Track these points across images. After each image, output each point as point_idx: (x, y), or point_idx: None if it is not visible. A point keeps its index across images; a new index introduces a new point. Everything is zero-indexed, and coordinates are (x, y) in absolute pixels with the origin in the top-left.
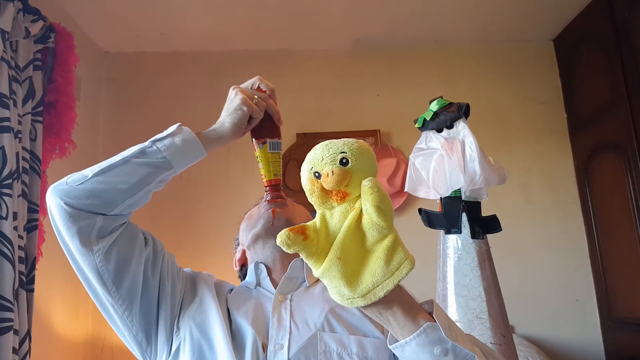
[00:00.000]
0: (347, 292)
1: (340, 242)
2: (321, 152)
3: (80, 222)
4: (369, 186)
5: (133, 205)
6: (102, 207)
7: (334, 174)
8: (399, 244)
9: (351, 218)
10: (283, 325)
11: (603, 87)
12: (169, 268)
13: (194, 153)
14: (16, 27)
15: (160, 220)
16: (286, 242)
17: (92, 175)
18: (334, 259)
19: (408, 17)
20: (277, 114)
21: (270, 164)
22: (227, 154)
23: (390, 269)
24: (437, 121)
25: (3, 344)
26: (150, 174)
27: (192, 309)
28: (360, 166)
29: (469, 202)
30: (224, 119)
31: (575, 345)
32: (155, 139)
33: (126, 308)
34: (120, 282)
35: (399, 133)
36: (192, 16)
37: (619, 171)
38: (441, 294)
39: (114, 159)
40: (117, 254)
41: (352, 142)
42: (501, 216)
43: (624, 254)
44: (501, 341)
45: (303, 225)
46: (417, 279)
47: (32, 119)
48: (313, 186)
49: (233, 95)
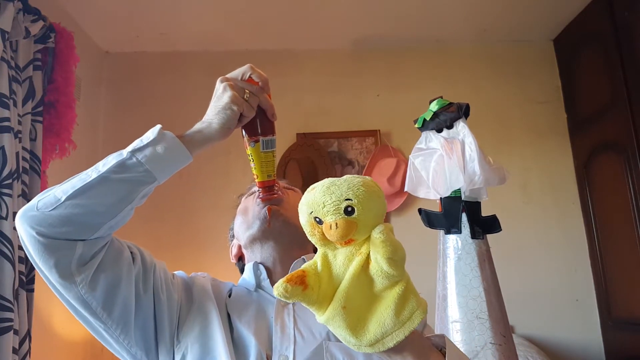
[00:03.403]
0: (352, 340)
1: (344, 290)
2: (322, 198)
3: (57, 253)
4: (380, 240)
5: (115, 226)
6: (81, 233)
7: (338, 227)
8: (411, 291)
9: (357, 264)
10: (287, 334)
11: (603, 87)
12: (162, 280)
13: (178, 160)
14: (16, 27)
15: (160, 220)
16: (284, 295)
17: (65, 199)
18: (338, 308)
19: (408, 17)
20: (271, 109)
21: (263, 164)
22: (228, 154)
23: (401, 320)
24: (437, 121)
25: (3, 344)
26: (131, 191)
27: (191, 319)
28: (368, 213)
29: (469, 202)
30: (212, 118)
31: (575, 345)
32: (135, 148)
33: (121, 332)
34: (111, 307)
35: (399, 133)
36: (192, 16)
37: (619, 171)
38: (441, 294)
39: (89, 177)
40: (104, 279)
41: (358, 185)
42: (501, 216)
43: (624, 254)
44: (501, 341)
45: (302, 272)
46: (417, 279)
47: (32, 119)
48: (313, 229)
49: (221, 91)
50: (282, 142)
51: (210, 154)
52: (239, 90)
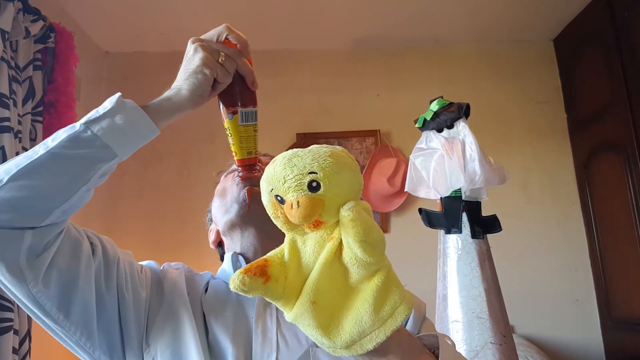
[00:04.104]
0: (325, 342)
1: (314, 282)
2: (283, 172)
3: (2, 245)
4: (349, 218)
5: (69, 210)
6: (29, 219)
7: (300, 205)
8: (393, 282)
9: (328, 251)
10: (269, 339)
11: (603, 87)
12: (127, 275)
13: (142, 133)
14: (16, 27)
15: (160, 220)
16: (241, 289)
17: (8, 180)
18: (307, 304)
19: (408, 17)
20: (250, 76)
21: (242, 140)
22: (227, 152)
23: (381, 317)
24: (437, 121)
25: (3, 344)
26: (87, 169)
27: (161, 321)
28: (337, 189)
29: (469, 202)
30: (181, 83)
31: (575, 345)
32: (90, 118)
33: (81, 334)
34: (68, 308)
35: (399, 133)
36: (192, 16)
37: (619, 171)
38: (441, 294)
39: (35, 153)
40: (58, 275)
41: (325, 156)
42: (501, 216)
43: (624, 254)
44: (501, 341)
45: (264, 262)
46: (417, 279)
47: (32, 119)
48: (276, 210)
49: (192, 52)
50: (282, 142)
51: (211, 153)
52: (213, 52)
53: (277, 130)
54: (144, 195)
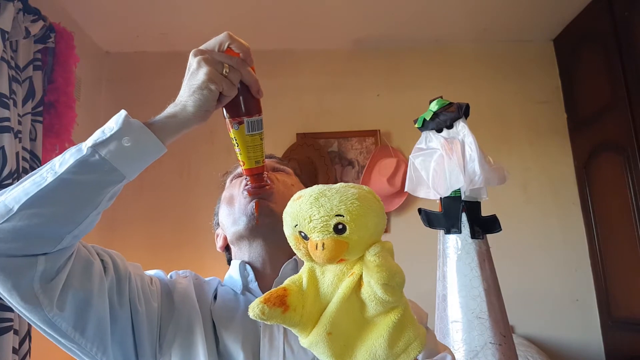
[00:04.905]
0: None
1: (331, 315)
2: (309, 210)
3: (15, 273)
4: (375, 264)
5: (80, 234)
6: (41, 246)
7: (326, 248)
8: (409, 320)
9: (348, 287)
10: (275, 348)
11: (603, 87)
12: (139, 288)
13: (150, 153)
14: (16, 27)
15: (160, 220)
16: (261, 318)
17: (18, 208)
18: (323, 334)
19: (408, 17)
20: (255, 84)
21: (249, 149)
22: (228, 153)
23: (395, 352)
24: (437, 121)
25: (3, 344)
26: (97, 194)
27: (172, 330)
28: (362, 232)
29: (468, 202)
30: (186, 99)
31: (575, 345)
32: (96, 142)
33: (97, 350)
34: (83, 326)
35: (399, 133)
36: (192, 16)
37: (619, 171)
38: (441, 294)
39: (44, 179)
40: (73, 296)
41: (352, 198)
42: (501, 216)
43: (624, 254)
44: (501, 341)
45: (284, 291)
46: (417, 279)
47: (32, 119)
48: (298, 244)
49: (195, 66)
50: (282, 142)
51: (211, 153)
52: (217, 64)
53: (277, 130)
54: (143, 195)
